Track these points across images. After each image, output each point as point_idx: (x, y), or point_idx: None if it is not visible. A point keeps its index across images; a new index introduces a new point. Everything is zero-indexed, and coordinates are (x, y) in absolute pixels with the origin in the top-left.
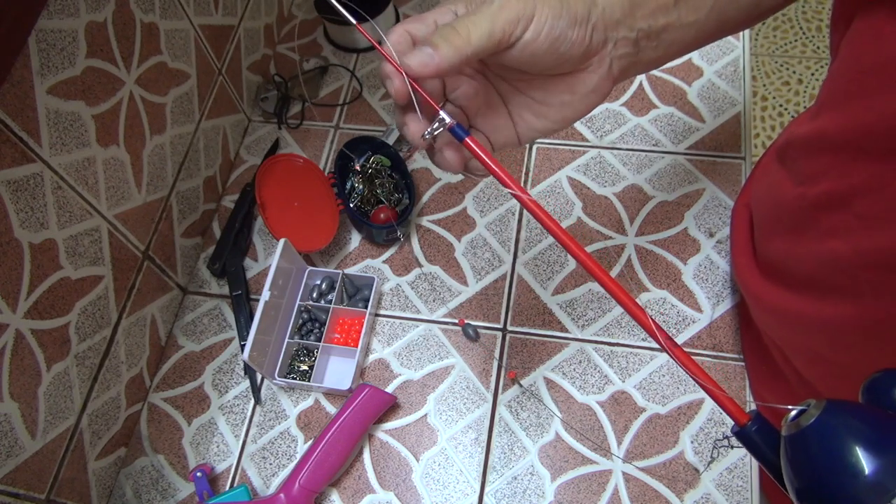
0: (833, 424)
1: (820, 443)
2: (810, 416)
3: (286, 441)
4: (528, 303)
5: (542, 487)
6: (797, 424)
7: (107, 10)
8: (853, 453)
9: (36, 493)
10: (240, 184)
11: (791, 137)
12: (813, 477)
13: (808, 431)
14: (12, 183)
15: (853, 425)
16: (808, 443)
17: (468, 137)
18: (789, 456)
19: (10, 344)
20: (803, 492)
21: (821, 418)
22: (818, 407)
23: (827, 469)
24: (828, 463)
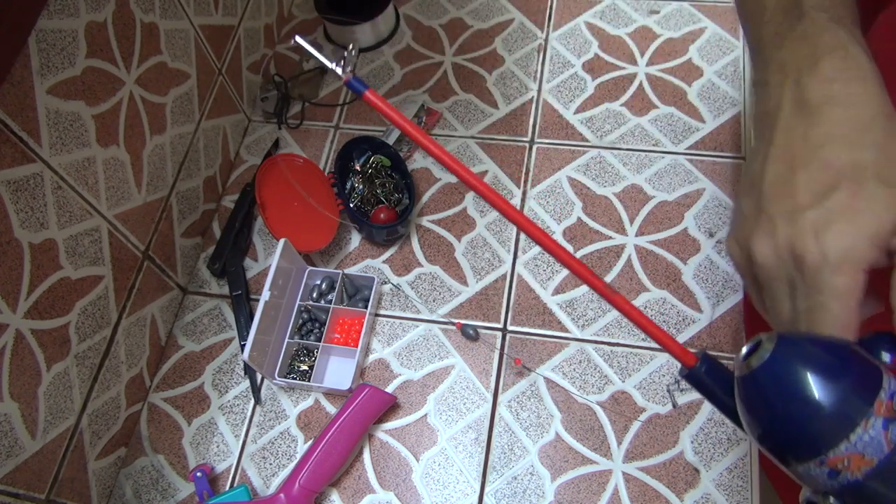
0: (787, 360)
1: (775, 381)
2: (763, 354)
3: (286, 441)
4: (528, 303)
5: (542, 487)
6: (748, 365)
7: (107, 10)
8: (810, 387)
9: (36, 493)
10: (240, 184)
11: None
12: (772, 418)
13: (761, 371)
14: (12, 183)
15: (808, 357)
16: (762, 383)
17: (367, 91)
18: (744, 398)
19: (10, 344)
20: (765, 436)
21: (774, 355)
22: (770, 341)
23: (785, 408)
24: (785, 402)
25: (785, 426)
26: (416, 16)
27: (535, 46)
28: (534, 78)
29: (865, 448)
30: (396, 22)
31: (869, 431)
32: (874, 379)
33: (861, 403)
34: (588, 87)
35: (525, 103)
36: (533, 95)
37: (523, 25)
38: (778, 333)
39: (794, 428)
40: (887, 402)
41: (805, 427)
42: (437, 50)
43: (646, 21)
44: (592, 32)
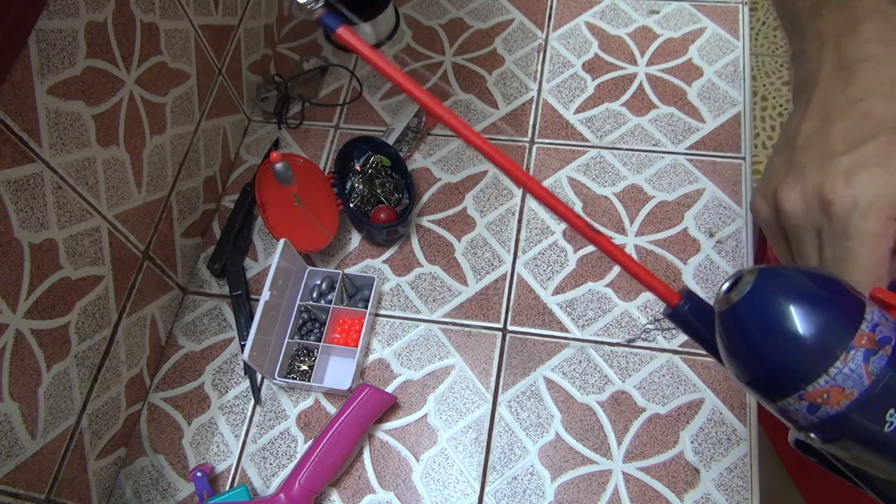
0: (767, 292)
1: (754, 314)
2: (744, 287)
3: (286, 441)
4: (528, 303)
5: (542, 487)
6: (728, 299)
7: (107, 10)
8: (789, 319)
9: (36, 493)
10: (240, 184)
11: None
12: (751, 354)
13: (741, 304)
14: (12, 183)
15: (788, 288)
16: (741, 316)
17: (340, 27)
18: (723, 334)
19: (10, 344)
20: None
21: (755, 287)
22: (752, 273)
23: (763, 343)
24: (763, 336)
25: (763, 361)
26: (416, 16)
27: (535, 46)
28: (534, 78)
29: (845, 381)
30: (396, 22)
31: (849, 364)
32: (856, 309)
33: (841, 335)
34: (588, 87)
35: (525, 103)
36: (533, 95)
37: (523, 25)
38: (759, 267)
39: (772, 363)
40: (868, 334)
41: (784, 361)
42: (437, 50)
43: (646, 21)
44: (592, 32)
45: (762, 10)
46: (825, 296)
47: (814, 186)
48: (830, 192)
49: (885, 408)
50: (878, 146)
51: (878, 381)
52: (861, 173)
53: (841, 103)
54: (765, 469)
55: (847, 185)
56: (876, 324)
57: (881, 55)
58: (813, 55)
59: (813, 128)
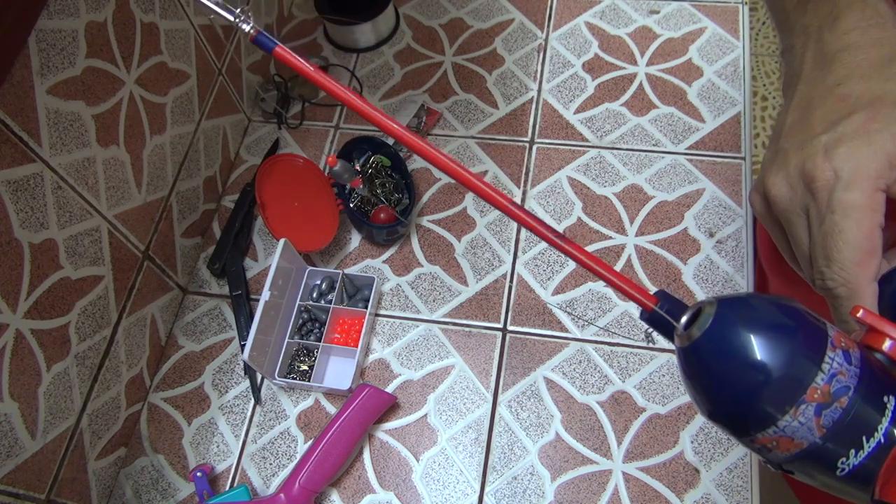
0: (730, 327)
1: (707, 361)
2: (704, 322)
3: (286, 441)
4: (528, 303)
5: (542, 487)
6: (689, 336)
7: (107, 10)
8: (740, 368)
9: (36, 493)
10: (240, 184)
11: None
12: (704, 394)
13: (702, 342)
14: (12, 183)
15: (742, 332)
16: (698, 357)
17: (277, 47)
18: (687, 371)
19: (10, 344)
20: (701, 408)
21: (715, 324)
22: (711, 310)
23: (717, 386)
24: (716, 380)
25: (715, 404)
26: (416, 16)
27: (535, 46)
28: (534, 78)
29: (794, 433)
30: (396, 22)
31: (798, 418)
32: (814, 356)
33: (792, 390)
34: (588, 87)
35: (525, 103)
36: (533, 95)
37: (523, 25)
38: (719, 299)
39: (723, 408)
40: (823, 387)
41: (734, 409)
42: (437, 50)
43: (646, 21)
44: (592, 32)
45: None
46: (784, 341)
47: (796, 167)
48: (811, 168)
49: (837, 457)
50: (857, 121)
51: (829, 434)
52: (840, 147)
53: (820, 92)
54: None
55: (827, 160)
56: (834, 374)
57: (860, 41)
58: (798, 50)
59: (795, 118)
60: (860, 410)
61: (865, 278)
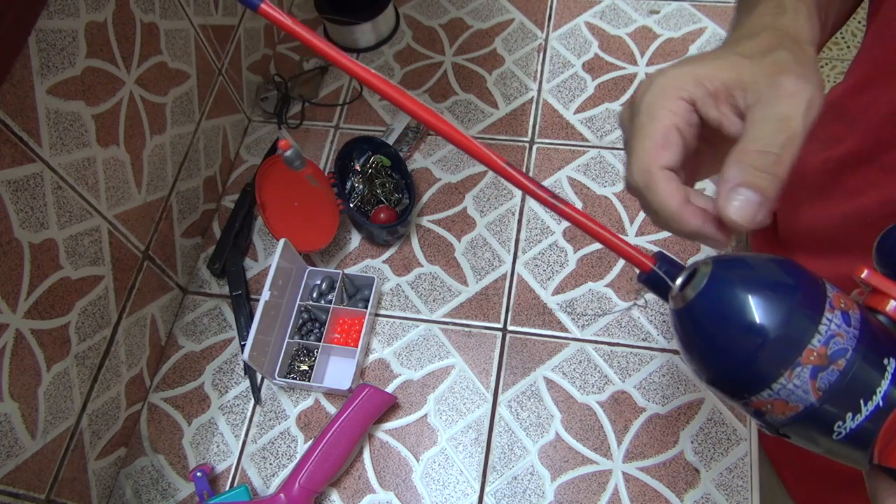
0: (724, 287)
1: (701, 323)
2: (699, 283)
3: (286, 441)
4: (528, 303)
5: (542, 487)
6: (683, 297)
7: (107, 10)
8: (736, 329)
9: (36, 493)
10: (240, 184)
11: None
12: (700, 356)
13: (692, 306)
14: (12, 183)
15: (738, 293)
16: (692, 319)
17: (263, 3)
18: (681, 333)
19: (10, 344)
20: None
21: (710, 284)
22: (706, 270)
23: (710, 350)
24: (709, 342)
25: (709, 366)
26: (416, 16)
27: (535, 46)
28: (534, 78)
29: (789, 396)
30: (396, 22)
31: (793, 381)
32: (812, 317)
33: (787, 352)
34: (588, 87)
35: (525, 103)
36: (533, 95)
37: (523, 25)
38: (715, 259)
39: (717, 370)
40: (819, 349)
41: (728, 372)
42: (437, 50)
43: (646, 21)
44: (592, 32)
45: None
46: (779, 302)
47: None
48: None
49: (834, 420)
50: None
51: (825, 397)
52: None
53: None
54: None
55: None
56: (832, 335)
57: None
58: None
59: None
60: (858, 373)
61: (656, 166)
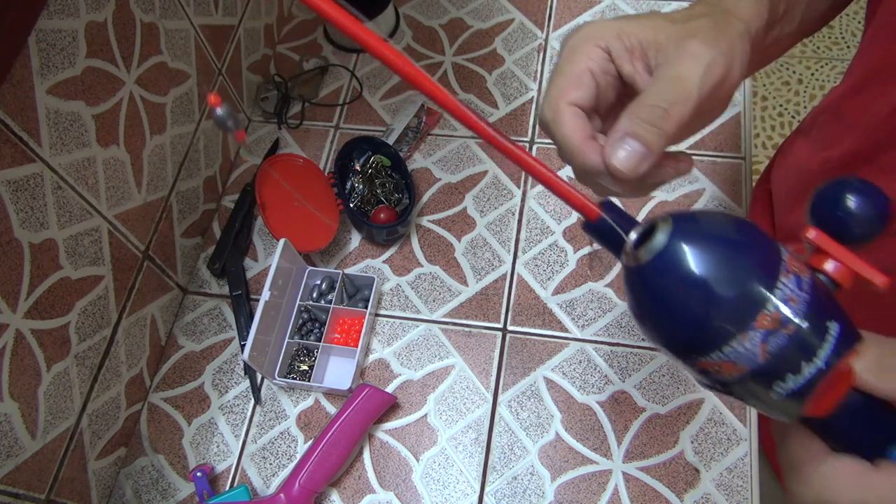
0: (685, 250)
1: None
2: (657, 244)
3: (286, 441)
4: (528, 303)
5: (542, 487)
6: (637, 257)
7: (107, 10)
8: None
9: (36, 493)
10: (240, 184)
11: (823, 106)
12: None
13: (648, 267)
14: (12, 183)
15: (694, 260)
16: (646, 280)
17: None
18: (632, 290)
19: (10, 344)
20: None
21: (670, 245)
22: (665, 228)
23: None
24: (662, 306)
25: (658, 328)
26: (416, 16)
27: (535, 46)
28: (534, 78)
29: (738, 358)
30: (396, 22)
31: (745, 344)
32: (767, 281)
33: (742, 317)
34: None
35: (525, 103)
36: (533, 95)
37: (523, 25)
38: (673, 217)
39: (665, 332)
40: (773, 314)
41: (678, 336)
42: (437, 50)
43: None
44: None
45: None
46: (738, 269)
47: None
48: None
49: (776, 380)
50: (632, 15)
51: (771, 359)
52: (597, 20)
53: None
54: (765, 469)
55: (580, 25)
56: (785, 300)
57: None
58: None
59: None
60: (804, 336)
61: (565, 101)
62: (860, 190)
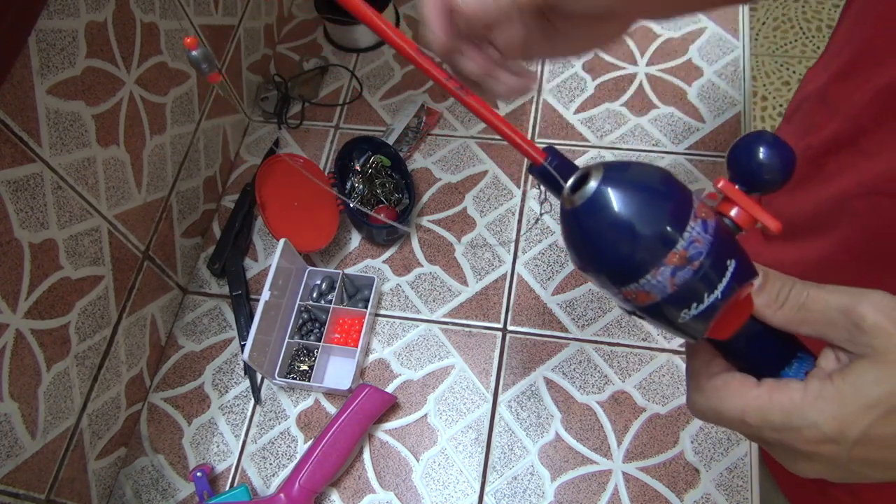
0: (609, 197)
1: (587, 225)
2: (587, 191)
3: (286, 441)
4: (528, 303)
5: (542, 487)
6: (571, 200)
7: (107, 10)
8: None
9: (36, 493)
10: (240, 184)
11: (807, 93)
12: (582, 251)
13: (580, 209)
14: (12, 183)
15: (619, 203)
16: (578, 220)
17: None
18: (566, 230)
19: (10, 344)
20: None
21: (598, 192)
22: (597, 175)
23: (592, 250)
24: (592, 243)
25: (588, 261)
26: (416, 16)
27: None
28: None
29: (651, 289)
30: (396, 22)
31: (657, 277)
32: (678, 225)
33: (656, 256)
34: (588, 87)
35: (525, 103)
36: (533, 95)
37: None
38: (605, 166)
39: (594, 266)
40: (681, 252)
41: (604, 267)
42: None
43: (646, 21)
44: None
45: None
46: (655, 214)
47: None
48: None
49: (682, 307)
50: None
51: (678, 290)
52: None
53: None
54: (764, 469)
55: None
56: (692, 241)
57: None
58: None
59: None
60: (707, 272)
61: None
62: (771, 144)
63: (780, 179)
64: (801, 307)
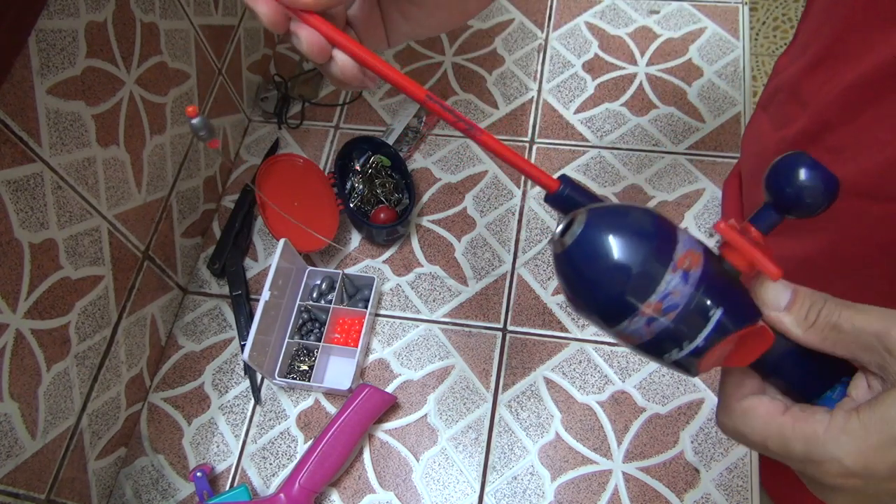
0: (595, 234)
1: (573, 269)
2: (569, 239)
3: (286, 441)
4: (528, 303)
5: (542, 487)
6: (562, 243)
7: (107, 10)
8: (595, 282)
9: (36, 493)
10: (240, 184)
11: (780, 83)
12: (575, 292)
13: (568, 253)
14: (12, 183)
15: (601, 246)
16: (566, 263)
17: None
18: (556, 270)
19: (10, 344)
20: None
21: (580, 237)
22: (580, 222)
23: (578, 292)
24: (577, 287)
25: (574, 303)
26: None
27: (535, 46)
28: (534, 78)
29: (631, 334)
30: None
31: (633, 325)
32: (656, 273)
33: (630, 306)
34: (588, 87)
35: (525, 103)
36: (533, 95)
37: (523, 25)
38: (589, 210)
39: (579, 307)
40: (656, 304)
41: (587, 310)
42: (437, 50)
43: (646, 21)
44: (592, 32)
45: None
46: (627, 263)
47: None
48: None
49: (662, 352)
50: None
51: (656, 337)
52: None
53: None
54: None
55: None
56: (667, 293)
57: None
58: None
59: None
60: (684, 323)
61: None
62: (811, 166)
63: (823, 204)
64: (833, 327)
